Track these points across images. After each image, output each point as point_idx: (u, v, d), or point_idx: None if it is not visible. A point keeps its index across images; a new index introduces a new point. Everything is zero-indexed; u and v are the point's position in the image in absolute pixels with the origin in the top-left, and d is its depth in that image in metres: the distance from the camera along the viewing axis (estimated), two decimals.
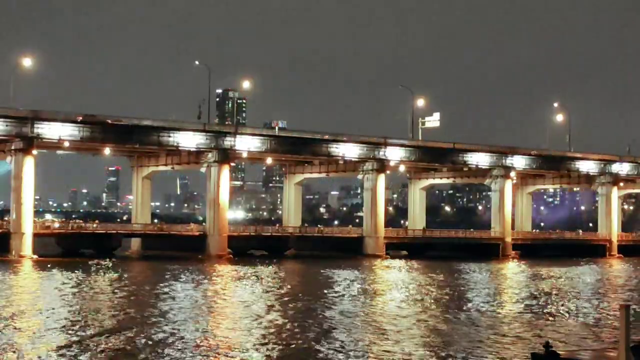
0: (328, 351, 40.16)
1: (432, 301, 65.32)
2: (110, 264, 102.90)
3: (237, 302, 62.00)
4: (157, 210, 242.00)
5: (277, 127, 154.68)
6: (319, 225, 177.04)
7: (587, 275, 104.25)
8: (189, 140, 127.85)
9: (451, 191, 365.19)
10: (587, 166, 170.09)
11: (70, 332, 44.55)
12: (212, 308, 58.42)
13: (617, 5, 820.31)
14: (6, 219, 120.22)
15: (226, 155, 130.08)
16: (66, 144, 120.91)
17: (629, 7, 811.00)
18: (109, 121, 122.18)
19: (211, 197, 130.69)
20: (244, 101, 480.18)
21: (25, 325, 47.07)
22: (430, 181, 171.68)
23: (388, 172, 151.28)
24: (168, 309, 56.39)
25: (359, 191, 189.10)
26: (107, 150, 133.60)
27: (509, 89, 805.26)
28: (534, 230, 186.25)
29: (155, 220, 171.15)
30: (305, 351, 40.16)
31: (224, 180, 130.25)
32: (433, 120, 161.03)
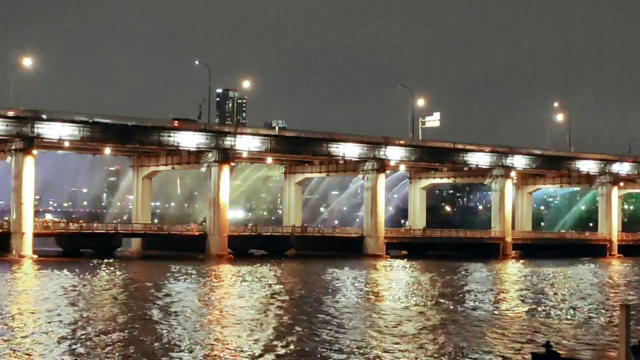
0: (328, 351, 40.16)
1: (432, 301, 65.33)
2: (111, 264, 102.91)
3: (237, 303, 61.99)
4: (157, 210, 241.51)
5: (277, 127, 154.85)
6: (319, 225, 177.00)
7: (587, 275, 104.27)
8: (189, 140, 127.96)
9: (451, 191, 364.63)
10: (587, 166, 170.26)
11: (69, 334, 44.54)
12: (212, 309, 58.43)
13: (617, 5, 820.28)
14: (6, 218, 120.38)
15: (226, 155, 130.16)
16: (66, 144, 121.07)
17: (629, 7, 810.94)
18: (109, 121, 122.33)
19: (211, 197, 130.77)
20: (244, 101, 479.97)
21: (24, 327, 47.07)
22: (431, 181, 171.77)
23: (388, 171, 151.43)
24: (168, 309, 56.39)
25: (359, 191, 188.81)
26: (107, 150, 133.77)
27: (509, 89, 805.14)
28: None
29: (156, 220, 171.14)
30: (307, 352, 40.17)
31: (224, 180, 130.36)
32: (433, 120, 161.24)
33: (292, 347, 41.23)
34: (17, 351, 38.37)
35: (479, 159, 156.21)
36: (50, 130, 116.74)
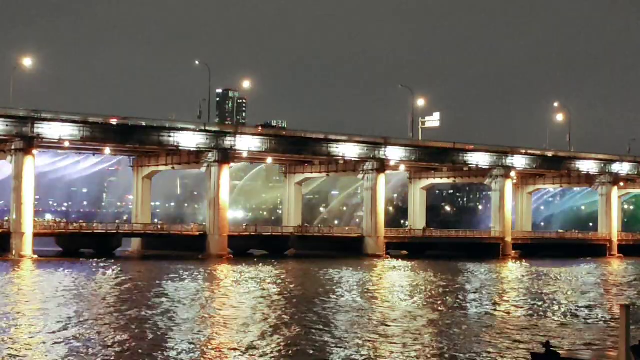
0: (321, 352, 40.17)
1: (432, 301, 65.35)
2: (110, 264, 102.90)
3: (233, 303, 62.00)
4: (157, 211, 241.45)
5: (277, 127, 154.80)
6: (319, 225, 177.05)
7: (587, 275, 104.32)
8: (189, 140, 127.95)
9: (451, 191, 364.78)
10: (587, 166, 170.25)
11: (68, 335, 44.56)
12: (212, 309, 58.44)
13: (617, 5, 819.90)
14: (6, 218, 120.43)
15: (226, 155, 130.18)
16: (66, 144, 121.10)
17: (629, 7, 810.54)
18: (109, 121, 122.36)
19: (211, 197, 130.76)
20: (244, 101, 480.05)
21: (21, 327, 47.11)
22: (431, 181, 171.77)
23: (388, 171, 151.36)
24: (164, 309, 56.41)
25: (359, 191, 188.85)
26: (107, 150, 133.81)
27: (509, 89, 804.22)
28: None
29: (156, 220, 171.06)
30: (299, 352, 40.17)
31: (224, 180, 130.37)
32: (433, 120, 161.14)
33: (284, 347, 41.22)
34: (14, 351, 38.38)
35: (479, 159, 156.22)
36: (50, 130, 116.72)
